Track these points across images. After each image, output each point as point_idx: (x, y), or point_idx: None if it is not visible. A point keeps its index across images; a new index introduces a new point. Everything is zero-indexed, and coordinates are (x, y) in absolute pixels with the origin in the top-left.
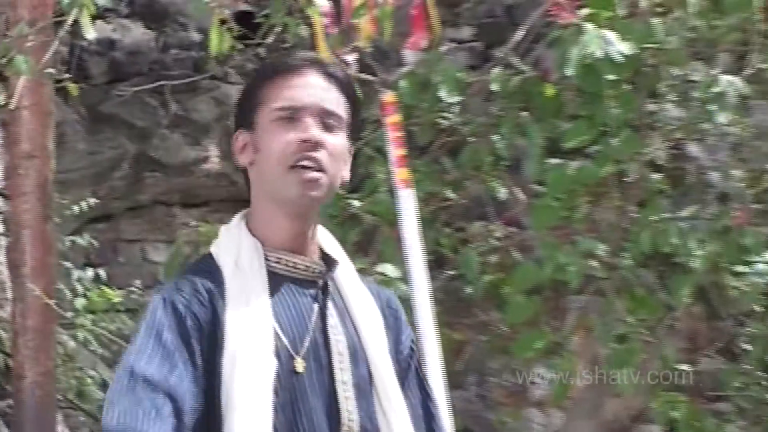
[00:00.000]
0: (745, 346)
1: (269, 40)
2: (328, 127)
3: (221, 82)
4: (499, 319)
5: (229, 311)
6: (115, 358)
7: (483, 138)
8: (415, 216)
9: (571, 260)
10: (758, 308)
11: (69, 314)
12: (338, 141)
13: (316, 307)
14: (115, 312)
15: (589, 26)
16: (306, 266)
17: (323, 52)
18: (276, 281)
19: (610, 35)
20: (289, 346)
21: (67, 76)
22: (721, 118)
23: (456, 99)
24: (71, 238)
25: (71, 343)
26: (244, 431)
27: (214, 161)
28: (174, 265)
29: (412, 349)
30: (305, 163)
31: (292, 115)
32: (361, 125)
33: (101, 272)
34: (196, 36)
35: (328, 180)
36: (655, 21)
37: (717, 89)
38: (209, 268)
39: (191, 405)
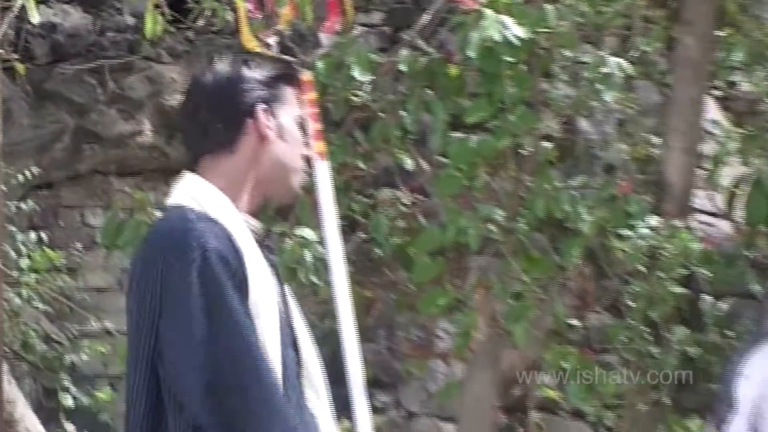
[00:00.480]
0: (629, 303)
1: (199, 23)
2: None
3: (154, 62)
4: (406, 279)
5: (247, 260)
6: (57, 313)
7: (391, 114)
8: (330, 184)
9: (471, 225)
10: (641, 268)
11: (14, 273)
12: None
13: (268, 262)
14: (56, 271)
15: (488, 12)
16: (259, 228)
17: (246, 36)
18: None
19: (508, 20)
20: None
21: (14, 56)
22: (608, 96)
23: (367, 78)
24: (16, 203)
25: (16, 300)
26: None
27: (147, 135)
28: (110, 228)
29: None
30: (299, 177)
31: (302, 127)
32: None
33: (43, 235)
34: (130, 20)
35: None
36: (548, 7)
37: (604, 70)
38: (223, 229)
39: None
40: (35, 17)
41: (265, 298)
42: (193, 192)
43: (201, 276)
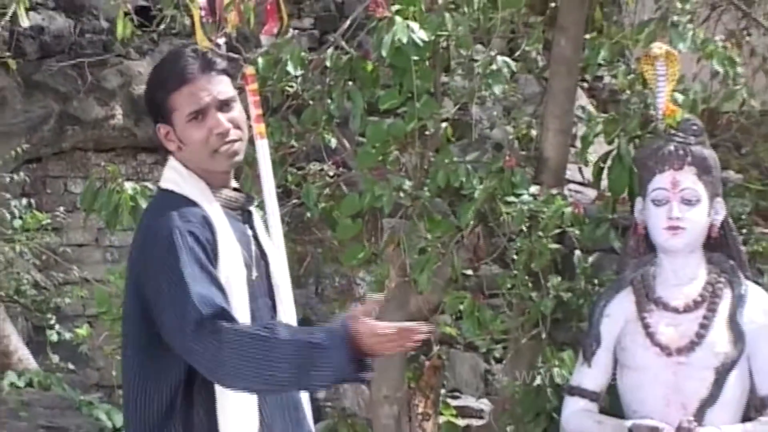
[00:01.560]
0: (514, 257)
1: (161, 27)
2: (227, 109)
3: (124, 58)
4: (331, 237)
5: (219, 235)
6: (44, 265)
7: (319, 101)
8: (269, 159)
9: (384, 192)
10: (524, 228)
11: (9, 232)
12: (237, 112)
13: (248, 229)
14: (44, 230)
15: (398, 18)
16: (236, 198)
17: (200, 37)
18: (224, 212)
19: (414, 25)
20: (246, 259)
21: (7, 54)
22: (497, 88)
23: (299, 72)
24: (10, 175)
25: (11, 254)
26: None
27: (119, 118)
28: (88, 195)
29: None
30: (224, 147)
31: (200, 115)
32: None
33: (33, 201)
34: (105, 24)
35: (241, 143)
36: (447, 15)
37: (493, 66)
38: (190, 204)
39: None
40: (25, 21)
41: (232, 263)
42: (175, 177)
43: (169, 247)
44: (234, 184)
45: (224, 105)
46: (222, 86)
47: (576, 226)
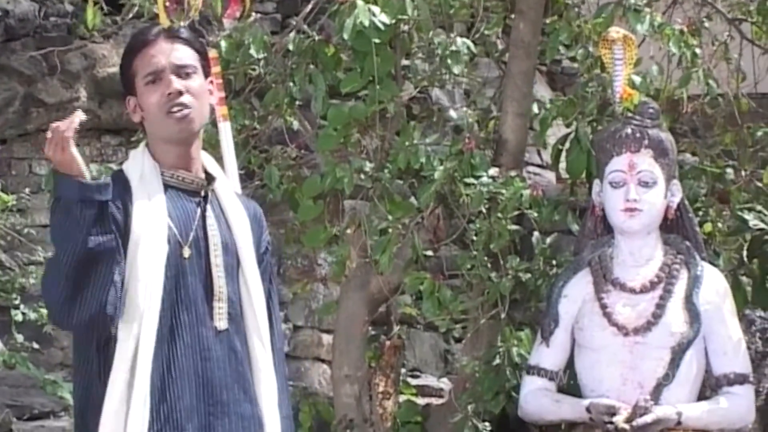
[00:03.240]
0: (473, 238)
1: (130, 15)
2: (184, 76)
3: (88, 41)
4: (293, 218)
5: (135, 208)
6: (9, 246)
7: (281, 84)
8: (231, 142)
9: (346, 174)
10: (483, 210)
11: None
12: (196, 82)
13: (198, 210)
14: (8, 211)
15: (360, 2)
16: (191, 180)
17: (163, 20)
18: (170, 191)
19: (376, 9)
20: (179, 237)
21: None
22: (456, 69)
23: (262, 56)
24: None
25: None
26: (143, 296)
27: (83, 100)
28: (52, 177)
29: (267, 248)
30: (175, 108)
31: (156, 77)
32: (208, 65)
33: None
34: (69, 7)
35: (195, 113)
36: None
37: (453, 48)
38: (121, 179)
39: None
40: None
41: (148, 233)
42: (131, 155)
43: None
44: (204, 163)
45: (181, 70)
46: (181, 53)
47: (534, 208)
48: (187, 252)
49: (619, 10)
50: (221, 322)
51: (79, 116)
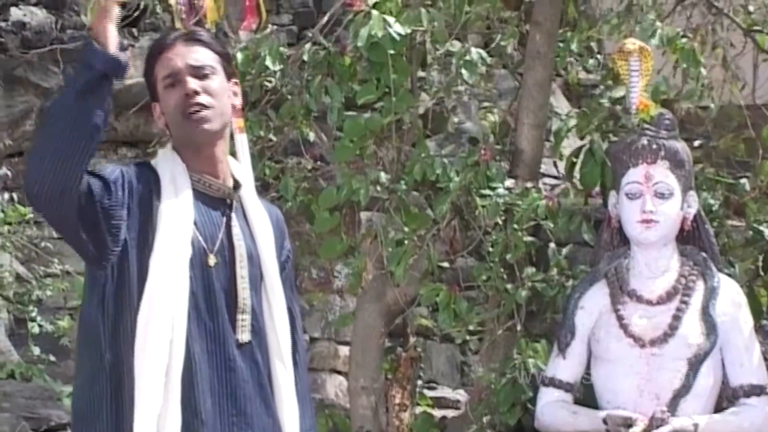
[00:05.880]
0: (489, 249)
1: (136, 17)
2: (202, 77)
3: None
4: (309, 229)
5: (164, 207)
6: (26, 258)
7: (297, 96)
8: (248, 153)
9: (361, 186)
10: (499, 221)
11: None
12: (214, 82)
13: (224, 218)
14: (25, 224)
15: (375, 13)
16: (218, 187)
17: None
18: (196, 196)
19: (391, 19)
20: (204, 245)
21: None
22: (471, 79)
23: (278, 67)
24: None
25: None
26: (166, 299)
27: None
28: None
29: (288, 257)
30: (192, 109)
31: (174, 80)
32: (231, 67)
33: (15, 195)
34: (86, 20)
35: (214, 113)
36: (423, 10)
37: (467, 58)
38: (151, 173)
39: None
40: None
41: (173, 235)
42: (160, 154)
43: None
44: (232, 169)
45: (198, 71)
46: (198, 54)
47: (550, 219)
48: (212, 260)
49: (625, 19)
50: (244, 335)
51: None
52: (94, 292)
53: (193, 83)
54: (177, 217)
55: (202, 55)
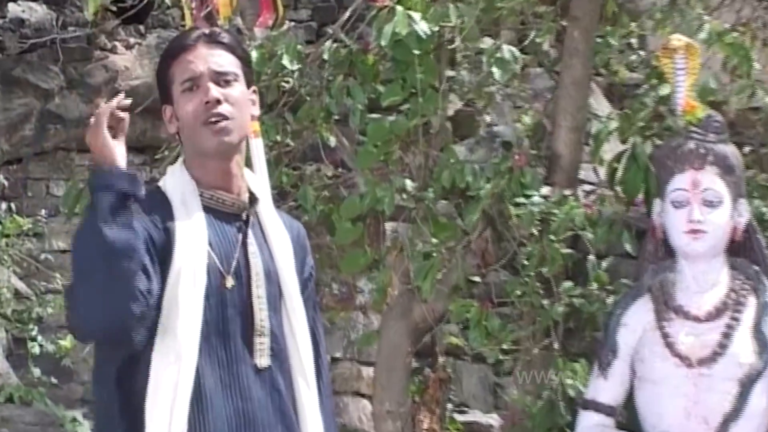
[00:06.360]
0: (524, 262)
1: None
2: (224, 84)
3: (109, 52)
4: (329, 241)
5: (177, 235)
6: (26, 273)
7: (317, 98)
8: (264, 159)
9: (386, 194)
10: (535, 232)
11: None
12: (236, 91)
13: (240, 235)
14: (24, 236)
15: (399, 8)
16: (232, 202)
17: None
18: (209, 214)
19: (416, 16)
20: (219, 266)
21: None
22: (503, 79)
23: (296, 67)
24: None
25: None
26: (183, 327)
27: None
28: (71, 197)
29: (311, 273)
30: (212, 119)
31: (193, 85)
32: (252, 72)
33: (13, 204)
34: (90, 16)
35: (234, 124)
36: (452, 5)
37: (499, 56)
38: (160, 199)
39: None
40: None
41: (189, 264)
42: (166, 175)
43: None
44: (248, 182)
45: (221, 78)
46: (221, 59)
47: (589, 229)
48: (230, 282)
49: (669, 15)
50: (262, 359)
51: (121, 99)
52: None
53: (215, 91)
54: (191, 242)
55: (225, 60)
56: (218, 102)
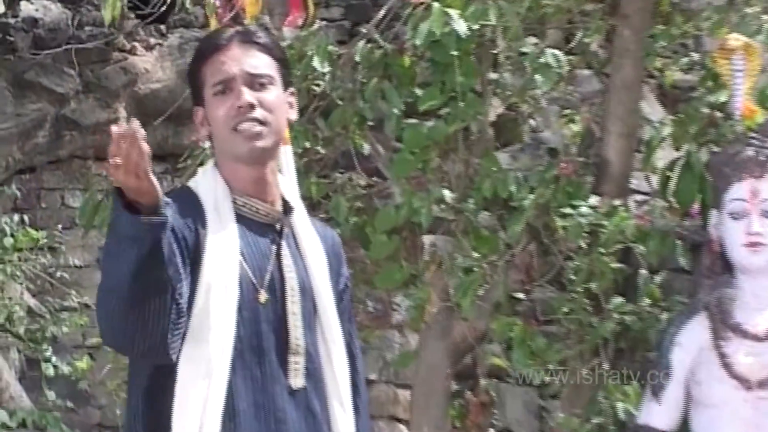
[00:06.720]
0: (572, 277)
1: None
2: (258, 87)
3: (129, 54)
4: (363, 256)
5: (209, 243)
6: (39, 289)
7: (349, 102)
8: (293, 168)
9: (423, 205)
10: (583, 245)
11: None
12: (271, 94)
13: (273, 247)
14: (38, 250)
15: (435, 5)
16: (266, 212)
17: (214, 28)
18: (242, 223)
19: (454, 13)
20: (253, 279)
21: None
22: (546, 86)
23: (327, 69)
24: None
25: (1, 277)
26: (215, 339)
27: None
28: (87, 209)
29: (346, 285)
30: (245, 124)
31: (226, 87)
32: (290, 74)
33: (26, 217)
34: (105, 16)
35: (270, 129)
36: (491, 2)
37: (542, 60)
38: (192, 200)
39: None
40: (1, 7)
41: (221, 276)
42: (197, 176)
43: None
44: (282, 191)
45: (255, 80)
46: (256, 60)
47: (640, 241)
48: (263, 297)
49: (731, 15)
50: (297, 380)
51: (137, 130)
52: None
53: (248, 95)
54: (222, 253)
55: (261, 62)
56: (251, 107)
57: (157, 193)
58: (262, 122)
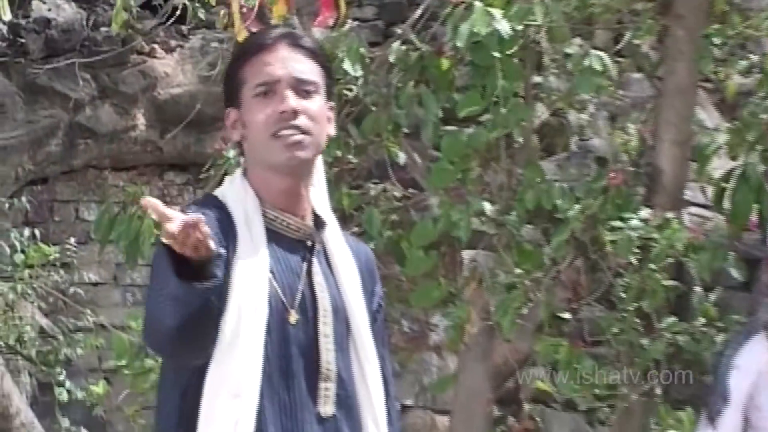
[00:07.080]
0: (621, 295)
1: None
2: (303, 94)
3: (147, 56)
4: (398, 272)
5: (239, 258)
6: (52, 308)
7: (383, 108)
8: (323, 178)
9: (463, 218)
10: (633, 260)
11: (9, 268)
12: (315, 104)
13: (304, 265)
14: (51, 266)
15: (477, 5)
16: (297, 227)
17: (239, 29)
18: (272, 238)
19: (497, 13)
20: (283, 298)
21: (6, 53)
22: (590, 89)
23: (359, 72)
24: (10, 200)
25: (11, 295)
26: (242, 360)
27: (141, 129)
28: (103, 223)
29: (380, 304)
30: (287, 131)
31: (269, 89)
32: (333, 85)
33: (38, 231)
34: (124, 15)
35: (312, 140)
36: (536, 1)
37: (586, 63)
38: (221, 213)
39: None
40: (6, 14)
41: (250, 295)
42: (225, 185)
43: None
44: (314, 205)
45: (301, 86)
46: (303, 65)
47: (694, 256)
48: (293, 317)
49: None
50: (327, 407)
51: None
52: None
53: (293, 100)
54: (252, 270)
55: (308, 67)
56: (295, 113)
57: (211, 253)
58: (304, 131)
